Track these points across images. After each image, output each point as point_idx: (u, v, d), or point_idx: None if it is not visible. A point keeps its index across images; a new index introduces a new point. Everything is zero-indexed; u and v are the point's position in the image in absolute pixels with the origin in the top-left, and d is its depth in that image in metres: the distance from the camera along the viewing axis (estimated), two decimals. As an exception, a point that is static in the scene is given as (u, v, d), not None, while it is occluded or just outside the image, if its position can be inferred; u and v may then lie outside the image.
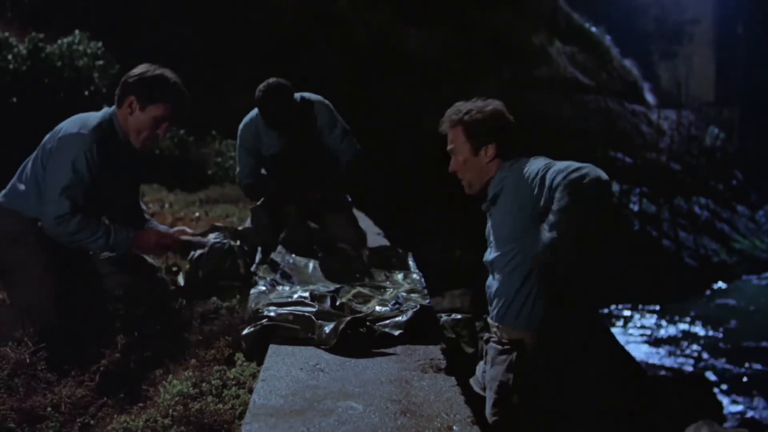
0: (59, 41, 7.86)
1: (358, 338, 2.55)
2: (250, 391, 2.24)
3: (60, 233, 3.00)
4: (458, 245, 10.57)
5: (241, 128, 4.43)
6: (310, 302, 2.83)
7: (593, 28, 22.50)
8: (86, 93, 7.60)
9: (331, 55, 14.56)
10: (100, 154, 3.01)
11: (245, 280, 3.49)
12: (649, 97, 23.49)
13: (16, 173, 3.15)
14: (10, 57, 7.27)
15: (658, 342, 12.04)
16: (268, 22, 13.89)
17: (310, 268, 3.56)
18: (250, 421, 1.89)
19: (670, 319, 13.24)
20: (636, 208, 17.95)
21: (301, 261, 3.63)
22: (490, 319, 2.78)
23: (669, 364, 10.22)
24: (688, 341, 12.00)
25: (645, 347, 11.75)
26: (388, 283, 3.39)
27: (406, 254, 3.83)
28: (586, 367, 2.68)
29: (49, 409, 2.33)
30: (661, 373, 8.50)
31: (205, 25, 12.55)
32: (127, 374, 2.57)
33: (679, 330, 12.65)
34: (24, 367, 2.55)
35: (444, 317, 3.48)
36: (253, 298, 3.02)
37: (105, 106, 3.26)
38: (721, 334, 12.50)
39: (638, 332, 12.68)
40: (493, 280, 2.75)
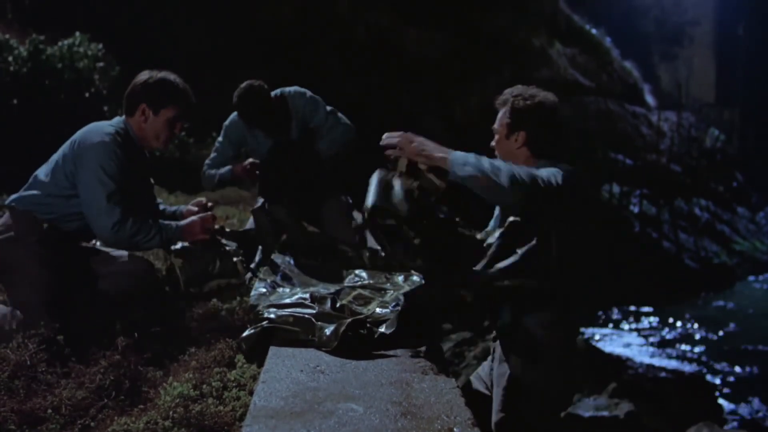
0: (60, 43, 7.86)
1: (359, 340, 2.55)
2: (251, 393, 2.24)
3: (119, 240, 3.10)
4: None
5: (227, 123, 4.47)
6: (310, 304, 2.83)
7: (593, 30, 22.52)
8: (87, 95, 7.60)
9: (331, 57, 14.58)
10: (124, 159, 3.11)
11: (240, 278, 3.50)
12: (650, 99, 23.51)
13: (28, 182, 3.19)
14: (10, 59, 7.28)
15: (659, 344, 12.03)
16: (269, 23, 13.91)
17: (310, 270, 3.57)
18: (250, 423, 1.89)
19: (671, 321, 13.24)
20: (636, 209, 17.95)
21: (302, 263, 3.64)
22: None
23: (669, 367, 10.20)
24: (688, 343, 12.00)
25: (645, 349, 11.74)
26: (389, 285, 3.39)
27: None
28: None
29: (50, 411, 2.32)
30: (662, 375, 8.48)
31: (206, 27, 12.57)
32: (128, 376, 2.56)
33: (680, 332, 12.64)
34: (24, 369, 2.55)
35: None
36: (253, 299, 3.02)
37: (105, 108, 3.29)
38: (722, 336, 12.50)
39: (639, 334, 12.68)
40: None
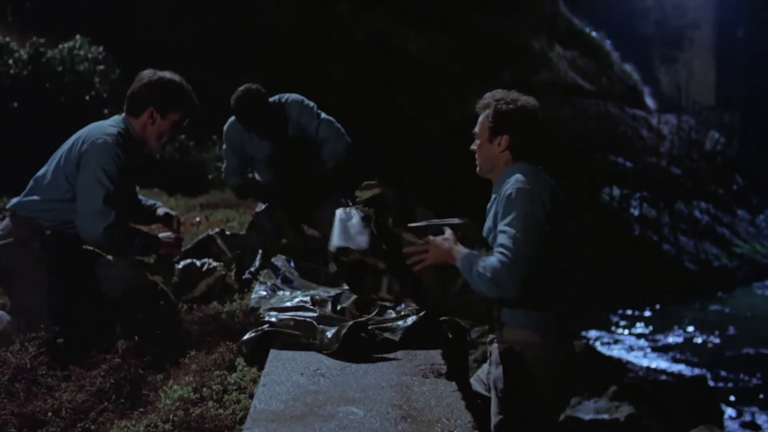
0: (60, 46, 7.87)
1: (360, 343, 2.55)
2: (251, 396, 2.24)
3: (106, 244, 3.10)
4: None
5: (226, 129, 4.49)
6: (311, 307, 2.83)
7: (594, 33, 22.53)
8: (87, 98, 7.61)
9: (332, 59, 14.58)
10: (124, 161, 3.10)
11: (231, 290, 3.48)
12: (650, 102, 23.51)
13: (29, 186, 3.18)
14: (11, 62, 7.29)
15: (659, 347, 12.02)
16: (269, 26, 13.92)
17: (310, 273, 3.57)
18: (250, 426, 1.89)
19: (671, 324, 13.23)
20: (636, 212, 17.95)
21: (302, 265, 3.64)
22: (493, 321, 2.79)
23: (670, 369, 10.19)
24: (688, 346, 11.99)
25: (646, 352, 11.73)
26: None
27: None
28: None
29: (50, 414, 2.33)
30: (662, 378, 8.47)
31: (206, 30, 12.57)
32: (128, 379, 2.56)
33: (680, 335, 12.63)
34: (25, 372, 2.55)
35: None
36: (254, 302, 3.02)
37: (106, 111, 3.30)
38: (722, 339, 12.48)
39: (639, 337, 12.67)
40: None
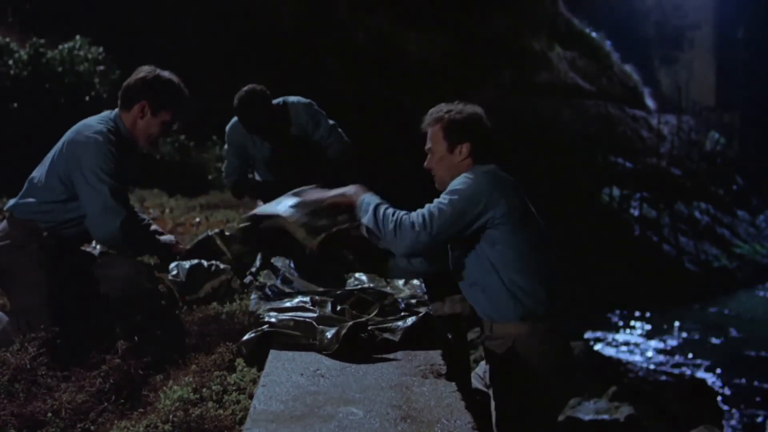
0: (60, 46, 7.88)
1: (359, 343, 2.55)
2: (251, 397, 2.23)
3: (127, 240, 3.07)
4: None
5: (228, 129, 4.49)
6: (311, 307, 2.82)
7: (594, 34, 22.54)
8: (87, 98, 7.61)
9: (331, 61, 14.58)
10: (118, 157, 3.07)
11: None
12: (650, 102, 23.51)
13: (24, 187, 3.17)
14: (11, 62, 7.29)
15: (659, 348, 12.03)
16: (268, 27, 13.92)
17: (310, 273, 3.56)
18: (250, 426, 1.89)
19: (671, 325, 13.23)
20: (636, 213, 17.95)
21: (302, 266, 3.63)
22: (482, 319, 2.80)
23: (670, 370, 10.20)
24: (688, 347, 11.99)
25: (646, 353, 11.74)
26: (389, 289, 3.38)
27: None
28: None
29: (50, 415, 2.33)
30: (662, 378, 8.48)
31: (206, 31, 12.58)
32: (128, 380, 2.56)
33: (680, 336, 12.64)
34: (24, 373, 2.55)
35: None
36: (254, 303, 3.01)
37: (105, 111, 3.28)
38: (722, 340, 12.49)
39: (639, 338, 12.68)
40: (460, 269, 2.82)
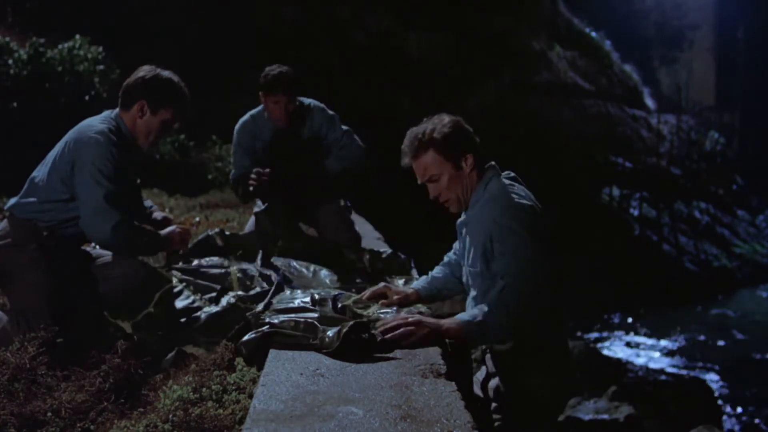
0: (60, 46, 7.88)
1: (360, 343, 2.55)
2: (251, 396, 2.23)
3: (116, 243, 3.08)
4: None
5: (238, 127, 4.46)
6: (311, 307, 2.82)
7: (593, 33, 22.53)
8: (87, 98, 7.61)
9: (331, 60, 14.58)
10: (119, 158, 3.07)
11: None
12: (650, 102, 23.52)
13: (25, 187, 3.17)
14: (10, 62, 7.29)
15: (659, 347, 12.03)
16: (269, 27, 13.92)
17: (311, 273, 3.56)
18: (250, 426, 1.89)
19: (671, 325, 13.23)
20: (636, 212, 17.96)
21: (302, 265, 3.64)
22: None
23: (669, 370, 10.21)
24: (688, 347, 12.00)
25: (645, 352, 11.74)
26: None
27: (408, 260, 3.83)
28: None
29: (50, 414, 2.32)
30: (662, 378, 8.48)
31: (206, 30, 12.57)
32: (128, 379, 2.56)
33: (680, 335, 12.64)
34: (24, 372, 2.55)
35: None
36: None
37: (105, 111, 3.28)
38: (722, 340, 12.49)
39: (639, 337, 12.68)
40: (478, 293, 2.72)
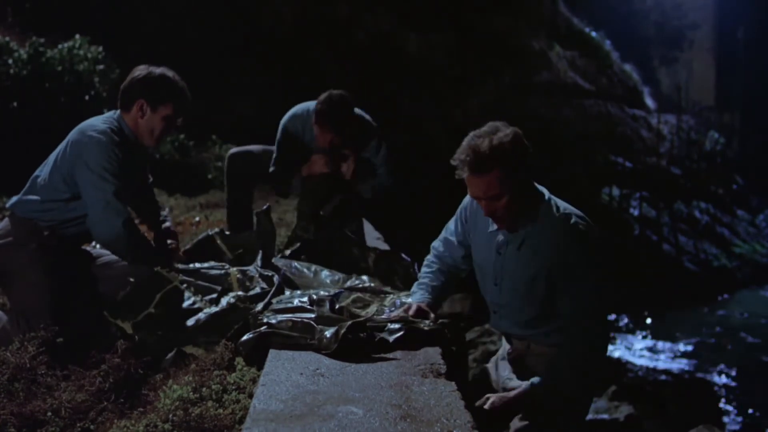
0: (60, 46, 7.87)
1: (358, 343, 2.55)
2: (251, 396, 2.23)
3: (125, 240, 3.06)
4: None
5: (287, 122, 4.38)
6: (309, 307, 2.82)
7: (593, 33, 22.52)
8: (87, 98, 7.60)
9: (332, 61, 14.58)
10: (122, 157, 3.07)
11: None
12: (649, 102, 23.51)
13: (26, 186, 3.18)
14: (10, 61, 7.28)
15: (659, 347, 12.03)
16: (268, 27, 13.92)
17: (312, 273, 3.56)
18: (250, 426, 1.89)
19: (671, 324, 13.23)
20: (636, 212, 17.95)
21: (303, 265, 3.63)
22: (511, 335, 2.80)
23: (669, 369, 10.21)
24: (688, 347, 12.00)
25: (645, 352, 11.74)
26: (388, 288, 3.39)
27: (412, 264, 3.82)
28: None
29: (50, 414, 2.33)
30: (662, 377, 8.49)
31: (206, 30, 12.58)
32: (128, 379, 2.56)
33: (680, 335, 12.64)
34: (24, 372, 2.55)
35: None
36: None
37: (105, 111, 3.29)
38: (722, 340, 12.49)
39: (639, 337, 12.67)
40: (517, 309, 2.69)
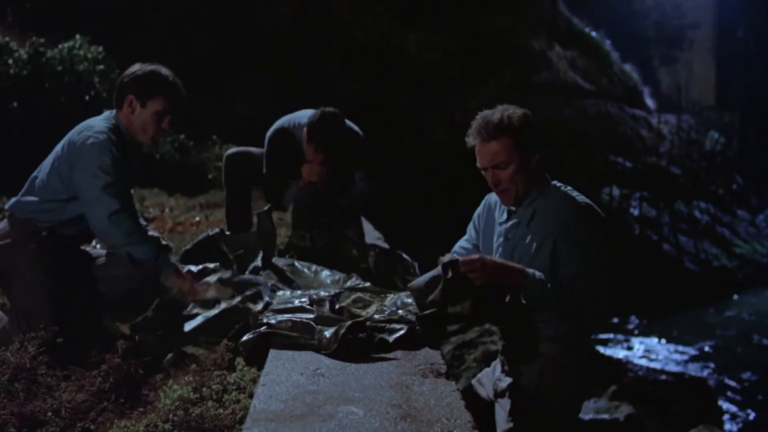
0: (60, 46, 7.87)
1: (358, 343, 2.55)
2: (251, 396, 2.24)
3: (115, 234, 2.99)
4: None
5: (273, 136, 4.33)
6: (309, 307, 2.82)
7: (593, 33, 22.51)
8: (87, 98, 7.61)
9: (332, 61, 14.58)
10: (119, 157, 3.05)
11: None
12: (650, 102, 23.49)
13: (25, 186, 3.17)
14: (10, 61, 7.29)
15: (659, 347, 12.03)
16: (268, 26, 13.92)
17: (312, 273, 3.56)
18: (250, 426, 1.89)
19: (671, 324, 13.23)
20: (636, 212, 17.94)
21: (304, 265, 3.64)
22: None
23: (670, 369, 10.20)
24: (688, 347, 11.99)
25: (646, 352, 11.74)
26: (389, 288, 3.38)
27: (413, 264, 3.82)
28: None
29: (50, 414, 2.32)
30: (662, 378, 8.48)
31: (206, 31, 12.58)
32: (128, 379, 2.56)
33: (680, 335, 12.63)
34: (24, 372, 2.55)
35: None
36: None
37: (105, 111, 3.28)
38: (722, 340, 12.49)
39: (639, 337, 12.67)
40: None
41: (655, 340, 12.38)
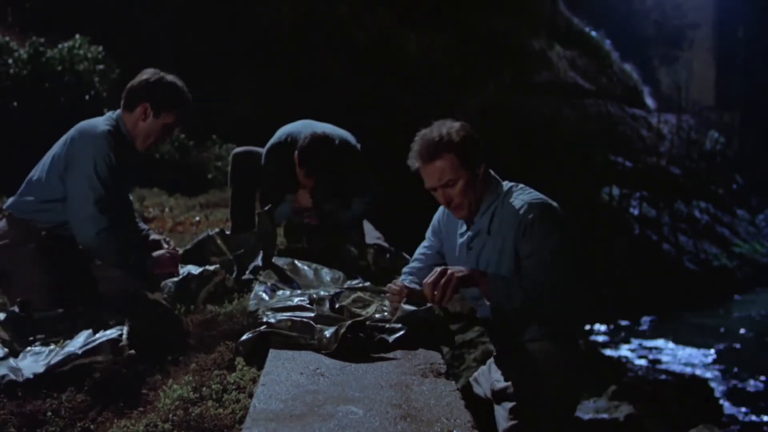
0: (60, 45, 7.87)
1: (358, 342, 2.55)
2: (251, 396, 2.23)
3: (102, 248, 3.03)
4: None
5: (270, 153, 4.26)
6: (309, 307, 2.82)
7: (593, 33, 22.52)
8: (87, 97, 7.61)
9: (331, 60, 14.58)
10: (116, 162, 3.05)
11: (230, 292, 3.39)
12: (649, 102, 23.51)
13: (23, 186, 3.17)
14: (10, 61, 7.29)
15: (659, 347, 12.03)
16: (268, 27, 13.92)
17: (312, 272, 3.56)
18: (250, 425, 1.89)
19: (671, 324, 13.24)
20: (636, 212, 17.95)
21: (304, 264, 3.63)
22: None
23: (669, 369, 10.21)
24: (688, 347, 12.00)
25: (646, 352, 11.74)
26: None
27: None
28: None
29: (49, 414, 2.32)
30: (662, 377, 8.49)
31: (206, 30, 12.58)
32: (128, 379, 2.56)
33: (680, 335, 12.63)
34: (24, 372, 2.55)
35: None
36: (253, 305, 3.01)
37: (105, 110, 3.28)
38: (722, 340, 12.49)
39: (638, 337, 12.67)
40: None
41: (655, 340, 12.38)
